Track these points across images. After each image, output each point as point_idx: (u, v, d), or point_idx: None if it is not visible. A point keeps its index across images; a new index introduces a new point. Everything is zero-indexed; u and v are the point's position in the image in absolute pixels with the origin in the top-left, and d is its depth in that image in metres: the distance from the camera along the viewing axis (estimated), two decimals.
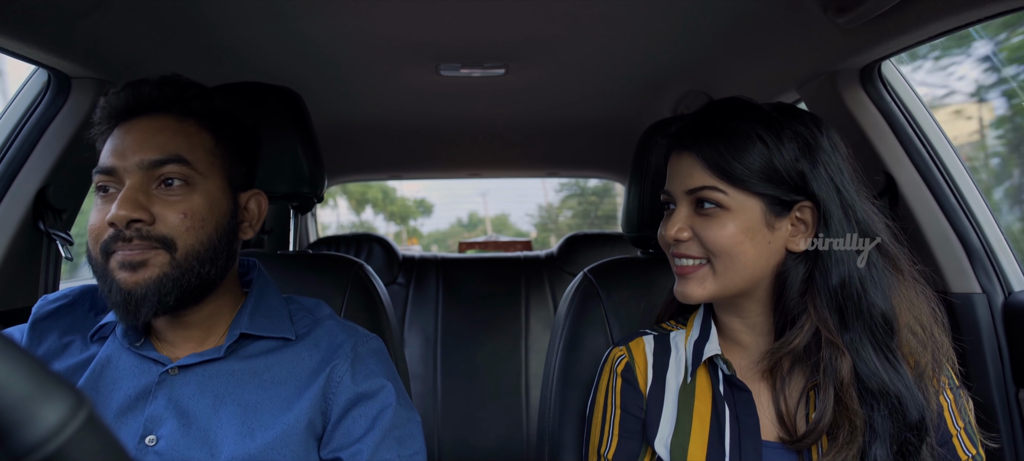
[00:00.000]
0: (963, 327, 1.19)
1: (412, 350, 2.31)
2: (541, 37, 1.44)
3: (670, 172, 0.87)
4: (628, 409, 0.88)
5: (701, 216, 0.82)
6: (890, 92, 1.27)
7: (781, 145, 0.80)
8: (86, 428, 0.37)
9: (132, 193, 0.75)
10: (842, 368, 0.78)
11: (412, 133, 2.30)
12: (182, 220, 0.77)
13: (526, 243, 3.53)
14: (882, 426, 0.77)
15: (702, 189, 0.81)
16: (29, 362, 0.37)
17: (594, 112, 2.08)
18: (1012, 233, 1.26)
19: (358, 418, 0.83)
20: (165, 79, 0.82)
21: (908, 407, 0.77)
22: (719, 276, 0.82)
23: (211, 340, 0.86)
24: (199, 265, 0.79)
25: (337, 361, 0.85)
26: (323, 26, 1.36)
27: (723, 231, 0.80)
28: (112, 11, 1.10)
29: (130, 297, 0.76)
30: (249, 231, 0.88)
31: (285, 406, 0.82)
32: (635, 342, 0.92)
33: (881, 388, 0.77)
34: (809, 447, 0.80)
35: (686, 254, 0.83)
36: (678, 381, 0.87)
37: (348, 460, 0.81)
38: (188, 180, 0.79)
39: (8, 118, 1.20)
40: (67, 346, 0.85)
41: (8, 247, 1.14)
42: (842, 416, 0.78)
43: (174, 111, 0.81)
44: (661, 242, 0.87)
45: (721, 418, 0.83)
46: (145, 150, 0.77)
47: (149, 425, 0.78)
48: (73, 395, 0.38)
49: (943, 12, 0.98)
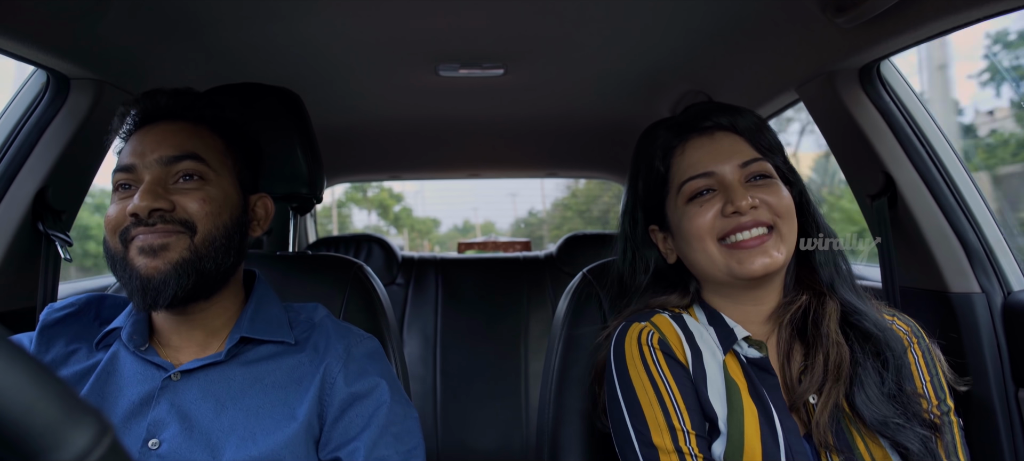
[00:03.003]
0: (962, 327, 1.19)
1: (411, 350, 2.31)
2: (540, 37, 1.44)
3: (699, 157, 0.87)
4: (683, 383, 0.83)
5: (757, 186, 0.85)
6: (889, 92, 1.27)
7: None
8: (110, 454, 0.39)
9: (152, 185, 0.81)
10: (829, 309, 0.84)
11: (411, 133, 2.30)
12: (202, 205, 0.82)
13: (525, 243, 3.52)
14: (872, 363, 0.81)
15: (755, 161, 0.86)
16: (60, 386, 0.39)
17: (593, 112, 2.08)
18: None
19: (354, 418, 0.84)
20: (179, 90, 0.89)
21: (891, 340, 0.83)
22: (785, 240, 0.84)
23: (213, 345, 0.88)
24: (215, 252, 0.83)
25: (330, 360, 0.87)
26: (322, 27, 1.36)
27: (783, 195, 0.85)
28: (111, 12, 1.10)
29: (148, 283, 0.79)
30: (258, 230, 0.93)
31: (286, 410, 0.83)
32: (657, 318, 0.89)
33: (869, 326, 0.84)
34: (807, 406, 0.82)
35: (758, 221, 0.83)
36: (717, 360, 0.85)
37: (346, 459, 0.82)
38: (203, 175, 0.84)
39: (7, 119, 1.20)
40: (73, 353, 0.87)
41: (7, 248, 1.14)
42: (829, 360, 0.81)
43: (188, 117, 0.88)
44: (707, 229, 0.85)
45: (764, 401, 0.81)
46: (163, 148, 0.84)
47: (152, 429, 0.80)
48: (99, 421, 0.39)
49: (942, 12, 0.98)
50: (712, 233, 0.85)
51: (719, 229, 0.84)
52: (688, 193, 0.87)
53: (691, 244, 0.87)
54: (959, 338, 1.20)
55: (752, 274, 0.82)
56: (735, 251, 0.83)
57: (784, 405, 0.82)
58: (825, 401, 0.79)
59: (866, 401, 0.79)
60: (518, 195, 22.03)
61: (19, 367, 0.38)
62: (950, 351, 1.21)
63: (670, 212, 0.91)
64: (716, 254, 0.85)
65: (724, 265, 0.84)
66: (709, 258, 0.85)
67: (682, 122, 0.91)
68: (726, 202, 0.84)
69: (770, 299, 0.88)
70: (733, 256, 0.83)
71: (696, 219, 0.85)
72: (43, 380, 0.38)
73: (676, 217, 0.90)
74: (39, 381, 0.38)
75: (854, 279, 0.90)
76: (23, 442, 0.37)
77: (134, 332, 0.86)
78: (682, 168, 0.89)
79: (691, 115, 0.91)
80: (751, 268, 0.82)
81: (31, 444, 0.37)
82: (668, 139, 0.91)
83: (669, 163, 0.91)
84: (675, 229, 0.91)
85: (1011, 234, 1.24)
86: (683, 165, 0.88)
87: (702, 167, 0.86)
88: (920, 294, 1.28)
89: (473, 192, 29.25)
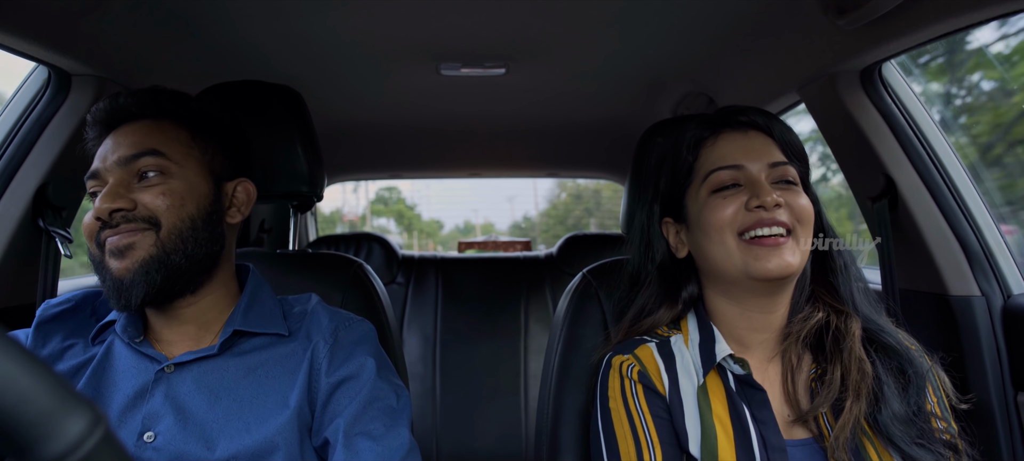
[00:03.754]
0: (962, 330, 1.19)
1: (411, 350, 2.31)
2: (542, 37, 1.44)
3: (730, 150, 0.87)
4: (658, 414, 0.85)
5: (781, 189, 0.85)
6: (890, 94, 1.27)
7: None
8: (103, 444, 0.39)
9: (114, 187, 0.81)
10: (854, 327, 0.84)
11: (412, 133, 2.30)
12: (163, 199, 0.82)
13: (525, 243, 3.52)
14: (895, 381, 0.82)
15: (783, 164, 0.86)
16: (52, 377, 0.39)
17: (594, 112, 2.08)
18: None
19: (340, 398, 0.85)
20: (143, 89, 0.89)
21: (913, 358, 0.83)
22: (801, 246, 0.84)
23: (207, 338, 0.88)
24: (183, 244, 0.83)
25: (317, 341, 0.88)
26: (323, 25, 1.36)
27: (805, 201, 0.85)
28: (112, 9, 1.10)
29: (120, 284, 0.80)
30: (238, 216, 0.92)
31: (280, 400, 0.84)
32: (640, 349, 0.90)
33: (892, 342, 0.84)
34: (818, 418, 0.82)
35: (780, 221, 0.82)
36: (693, 385, 0.86)
37: (331, 437, 0.82)
38: (164, 170, 0.84)
39: (8, 115, 1.20)
40: (69, 348, 0.88)
41: (7, 244, 1.14)
42: (849, 376, 0.81)
43: (149, 115, 0.88)
44: (728, 221, 0.84)
45: (743, 420, 0.82)
46: (122, 149, 0.84)
47: (147, 422, 0.80)
48: (91, 411, 0.39)
49: (944, 14, 0.98)
50: (733, 226, 0.84)
51: (740, 223, 0.84)
52: (714, 184, 0.87)
53: (710, 236, 0.86)
54: (958, 341, 1.19)
55: (767, 274, 0.82)
56: (753, 247, 0.83)
57: (772, 420, 0.82)
58: (846, 418, 0.79)
59: (892, 418, 0.79)
60: (515, 199, 24.58)
61: (11, 358, 0.38)
62: (949, 354, 1.21)
63: (690, 203, 0.90)
64: (734, 248, 0.84)
65: (740, 261, 0.84)
66: (726, 252, 0.85)
67: (717, 118, 0.91)
68: (751, 196, 0.84)
69: (779, 310, 0.87)
70: (750, 252, 0.83)
71: (718, 211, 0.85)
72: (35, 371, 0.38)
73: (696, 208, 0.89)
74: (31, 372, 0.38)
75: (872, 295, 0.90)
76: (15, 432, 0.37)
77: (128, 324, 0.86)
78: (711, 158, 0.88)
79: (726, 111, 0.91)
80: (767, 266, 0.81)
81: (23, 434, 0.37)
82: (700, 131, 0.91)
83: (698, 152, 0.90)
84: (693, 221, 0.90)
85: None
86: (713, 156, 0.88)
87: (732, 159, 0.86)
88: (920, 297, 1.28)
89: (472, 193, 32.07)
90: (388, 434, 0.82)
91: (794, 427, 0.84)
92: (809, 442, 0.83)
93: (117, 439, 0.40)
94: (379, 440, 0.81)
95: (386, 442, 0.82)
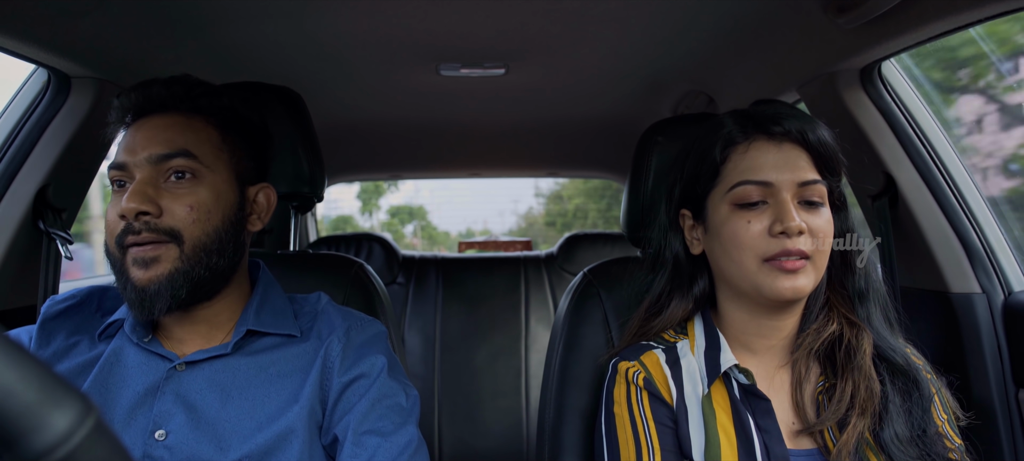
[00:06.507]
0: (963, 327, 1.19)
1: (412, 350, 2.31)
2: (541, 37, 1.44)
3: (761, 163, 0.82)
4: (662, 422, 0.84)
5: (805, 209, 0.81)
6: (890, 92, 1.27)
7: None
8: (94, 435, 0.38)
9: (142, 186, 0.79)
10: (865, 343, 0.82)
11: (412, 133, 2.30)
12: (188, 213, 0.81)
13: (526, 243, 3.52)
14: (901, 401, 0.80)
15: (814, 183, 0.81)
16: (39, 368, 0.38)
17: (594, 112, 2.08)
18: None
19: (350, 396, 0.84)
20: (174, 79, 0.86)
21: (920, 379, 0.82)
22: (817, 271, 0.81)
23: (218, 336, 0.88)
24: (207, 257, 0.82)
25: (330, 342, 0.87)
26: (323, 26, 1.36)
27: (827, 225, 0.82)
28: (112, 10, 1.10)
29: (144, 293, 0.79)
30: (258, 223, 0.91)
31: (291, 399, 0.83)
32: (646, 355, 0.88)
33: (901, 362, 0.82)
34: (823, 430, 0.81)
35: (800, 251, 0.78)
36: (698, 394, 0.85)
37: (340, 434, 0.82)
38: (195, 173, 0.82)
39: (8, 117, 1.20)
40: (75, 346, 0.87)
41: (8, 246, 1.14)
42: (858, 393, 0.80)
43: (182, 109, 0.85)
44: (749, 244, 0.81)
45: (747, 430, 0.81)
46: (154, 145, 0.81)
47: (158, 420, 0.80)
48: (81, 402, 0.38)
49: (944, 12, 0.98)
50: (754, 250, 0.81)
51: (763, 250, 0.80)
52: (739, 197, 0.82)
53: (728, 252, 0.83)
54: (959, 339, 1.20)
55: (780, 296, 0.80)
56: (769, 267, 0.80)
57: (777, 430, 0.81)
58: (849, 435, 0.78)
59: (894, 438, 0.78)
60: (519, 202, 24.64)
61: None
62: (950, 352, 1.22)
63: (712, 208, 0.86)
64: (751, 270, 0.81)
65: (755, 279, 0.81)
66: (742, 271, 0.82)
67: (753, 117, 0.85)
68: (775, 221, 0.80)
69: (789, 322, 0.86)
70: (767, 272, 0.80)
71: (741, 231, 0.81)
72: (21, 363, 0.37)
73: (718, 217, 0.85)
74: (17, 364, 0.37)
75: (889, 312, 0.88)
76: (1, 425, 0.36)
77: (137, 324, 0.85)
78: (741, 168, 0.83)
79: (763, 114, 0.85)
80: (780, 288, 0.79)
81: (10, 427, 0.36)
82: (733, 133, 0.85)
83: (727, 156, 0.85)
84: (712, 228, 0.86)
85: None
86: (742, 165, 0.83)
87: (762, 174, 0.81)
88: (920, 294, 1.28)
89: (475, 197, 31.18)
90: (397, 432, 0.82)
91: (799, 437, 0.83)
92: (813, 452, 0.82)
93: (110, 430, 0.40)
94: (388, 437, 0.81)
95: (395, 439, 0.82)
